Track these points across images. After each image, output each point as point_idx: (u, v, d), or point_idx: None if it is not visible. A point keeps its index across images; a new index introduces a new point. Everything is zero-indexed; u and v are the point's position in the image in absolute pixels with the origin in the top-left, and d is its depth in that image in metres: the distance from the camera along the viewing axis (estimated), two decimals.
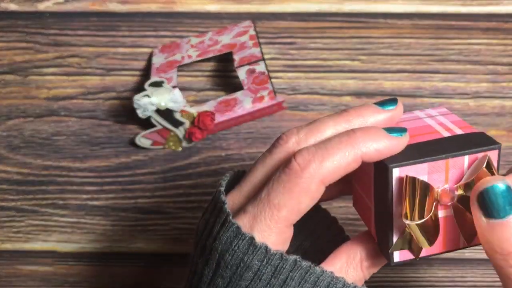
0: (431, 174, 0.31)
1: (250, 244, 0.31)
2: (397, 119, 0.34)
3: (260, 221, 0.31)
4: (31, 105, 0.54)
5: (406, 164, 0.30)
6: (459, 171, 0.31)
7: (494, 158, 0.31)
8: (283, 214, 0.31)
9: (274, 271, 0.31)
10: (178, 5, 0.52)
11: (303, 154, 0.31)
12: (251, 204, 0.32)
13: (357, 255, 0.34)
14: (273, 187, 0.31)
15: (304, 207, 0.31)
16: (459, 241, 0.32)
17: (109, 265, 0.56)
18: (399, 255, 0.32)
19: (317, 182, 0.30)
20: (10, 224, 0.55)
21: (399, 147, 0.31)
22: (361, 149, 0.30)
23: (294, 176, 0.30)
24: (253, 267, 0.31)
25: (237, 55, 0.50)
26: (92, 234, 0.56)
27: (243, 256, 0.31)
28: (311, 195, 0.30)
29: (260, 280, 0.31)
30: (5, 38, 0.53)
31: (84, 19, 0.53)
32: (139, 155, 0.54)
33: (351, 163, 0.30)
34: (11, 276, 0.56)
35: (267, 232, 0.31)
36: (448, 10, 0.51)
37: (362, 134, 0.31)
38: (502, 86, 0.53)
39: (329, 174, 0.30)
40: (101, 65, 0.53)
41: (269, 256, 0.30)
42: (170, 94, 0.50)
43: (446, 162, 0.31)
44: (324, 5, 0.52)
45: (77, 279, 0.56)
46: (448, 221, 0.32)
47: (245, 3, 0.52)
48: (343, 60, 0.53)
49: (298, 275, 0.31)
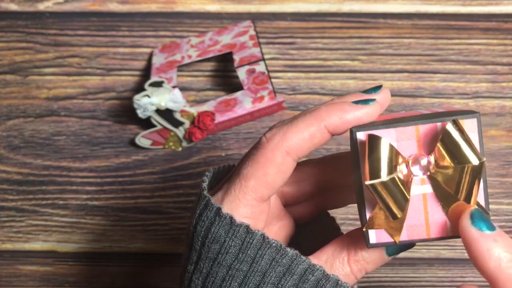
0: (400, 141, 0.29)
1: (216, 214, 0.31)
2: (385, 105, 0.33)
3: (230, 193, 0.32)
4: (31, 105, 0.54)
5: (371, 129, 0.29)
6: (433, 141, 0.29)
7: (472, 129, 0.29)
8: (250, 184, 0.31)
9: (241, 244, 0.31)
10: (178, 5, 0.52)
11: (271, 129, 0.32)
12: (227, 180, 0.33)
13: (344, 249, 0.33)
14: (244, 160, 0.32)
15: (271, 178, 0.31)
16: (447, 227, 0.30)
17: (109, 265, 0.56)
18: (375, 236, 0.30)
19: (282, 153, 0.31)
20: (10, 224, 0.55)
21: (367, 115, 0.31)
22: (325, 119, 0.31)
23: (261, 147, 0.31)
24: (219, 238, 0.31)
25: (237, 55, 0.50)
26: (92, 234, 0.56)
27: (211, 226, 0.31)
28: (277, 166, 0.31)
29: (227, 254, 0.31)
30: (5, 38, 0.53)
31: (84, 19, 0.53)
32: (139, 155, 0.54)
33: (315, 133, 0.31)
34: (11, 276, 0.56)
35: (235, 203, 0.31)
36: (448, 10, 0.51)
37: (326, 106, 0.31)
38: (502, 86, 0.53)
39: (294, 144, 0.31)
40: (101, 65, 0.53)
41: (234, 227, 0.31)
42: (170, 94, 0.50)
43: (416, 128, 0.29)
44: (324, 5, 0.52)
45: (77, 279, 0.56)
46: (429, 200, 0.30)
47: (245, 3, 0.52)
48: (343, 60, 0.53)
49: (268, 253, 0.31)
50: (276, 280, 0.31)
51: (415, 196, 0.30)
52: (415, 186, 0.30)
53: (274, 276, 0.31)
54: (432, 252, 0.55)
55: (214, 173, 0.36)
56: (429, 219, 0.30)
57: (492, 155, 0.54)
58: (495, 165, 0.54)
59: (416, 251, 0.55)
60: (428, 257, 0.55)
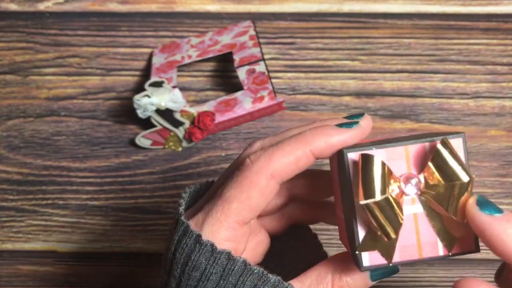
0: (391, 162, 0.30)
1: (196, 241, 0.31)
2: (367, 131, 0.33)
3: (212, 215, 0.31)
4: (31, 105, 0.54)
5: (362, 150, 0.30)
6: (422, 161, 0.30)
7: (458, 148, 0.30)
8: (233, 207, 0.31)
9: (222, 271, 0.30)
10: (178, 5, 0.52)
11: (256, 151, 0.32)
12: (208, 202, 0.32)
13: (329, 274, 0.33)
14: (227, 183, 0.32)
15: (255, 202, 0.31)
16: (437, 247, 0.31)
17: (109, 265, 0.56)
18: (368, 259, 0.30)
19: (266, 176, 0.31)
20: (10, 224, 0.55)
21: (351, 138, 0.31)
22: (310, 144, 0.31)
23: (245, 170, 0.31)
24: (200, 266, 0.31)
25: (237, 55, 0.50)
26: (92, 234, 0.56)
27: (191, 254, 0.31)
28: (261, 189, 0.31)
29: (208, 281, 0.31)
30: (5, 38, 0.53)
31: (84, 19, 0.53)
32: (139, 155, 0.54)
33: (301, 157, 0.31)
34: (11, 276, 0.56)
35: (217, 226, 0.31)
36: (448, 10, 0.51)
37: (311, 131, 0.31)
38: (502, 86, 0.53)
39: (279, 168, 0.31)
40: (101, 65, 0.53)
41: (216, 254, 0.30)
42: (170, 94, 0.50)
43: (405, 149, 0.30)
44: (324, 5, 0.52)
45: (77, 279, 0.56)
46: (420, 220, 0.30)
47: (245, 3, 0.52)
48: (343, 60, 0.53)
49: (250, 280, 0.30)
50: None
51: (406, 216, 0.30)
52: (406, 206, 0.30)
53: None
54: None
55: (190, 193, 0.35)
56: (420, 239, 0.30)
57: (492, 155, 0.54)
58: (495, 165, 0.54)
59: None
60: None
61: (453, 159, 0.29)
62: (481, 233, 0.28)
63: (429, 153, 0.30)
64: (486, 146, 0.53)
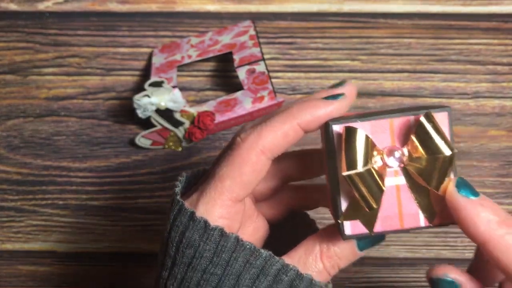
0: (375, 134, 0.30)
1: (190, 218, 0.31)
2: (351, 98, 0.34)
3: (206, 194, 0.32)
4: (31, 105, 0.54)
5: (347, 122, 0.30)
6: (406, 134, 0.30)
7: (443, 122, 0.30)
8: (226, 184, 0.32)
9: (215, 248, 0.31)
10: (178, 5, 0.52)
11: (245, 129, 0.33)
12: (202, 182, 0.33)
13: (316, 246, 0.33)
14: (220, 162, 0.32)
15: (247, 178, 0.32)
16: (419, 218, 0.31)
17: (109, 265, 0.56)
18: (350, 228, 0.31)
19: (257, 152, 0.31)
20: (10, 224, 0.55)
21: (337, 110, 0.32)
22: (297, 117, 0.32)
23: (236, 148, 0.32)
24: (194, 243, 0.31)
25: (237, 55, 0.50)
26: (92, 234, 0.56)
27: (185, 231, 0.31)
28: (252, 165, 0.31)
29: (201, 258, 0.31)
30: (5, 38, 0.53)
31: (84, 19, 0.53)
32: (139, 155, 0.54)
33: (288, 131, 0.32)
34: (11, 276, 0.56)
35: (211, 204, 0.32)
36: (448, 10, 0.51)
37: (297, 105, 0.32)
38: (502, 86, 0.53)
39: (268, 143, 0.31)
40: (101, 65, 0.53)
41: (209, 231, 0.31)
42: (170, 94, 0.50)
43: (390, 121, 0.30)
44: (324, 5, 0.52)
45: (77, 279, 0.56)
46: (402, 191, 0.31)
47: (245, 3, 0.52)
48: (343, 60, 0.53)
49: (242, 256, 0.31)
50: (251, 282, 0.31)
51: (388, 187, 0.31)
52: (389, 178, 0.31)
53: (249, 278, 0.31)
54: (432, 252, 0.55)
55: (187, 177, 0.36)
56: (402, 210, 0.31)
57: (493, 155, 0.53)
58: (496, 165, 0.54)
59: (416, 251, 0.55)
60: (428, 257, 0.55)
61: (436, 133, 0.29)
62: (456, 213, 0.29)
63: (413, 126, 0.30)
64: (486, 146, 0.53)
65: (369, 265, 0.57)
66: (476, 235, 0.29)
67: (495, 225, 0.28)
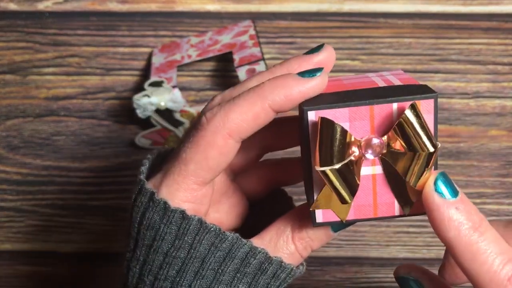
0: (354, 122, 0.28)
1: (150, 199, 0.30)
2: (328, 64, 0.31)
3: (169, 176, 0.30)
4: (31, 105, 0.54)
5: (324, 108, 0.28)
6: (387, 122, 0.28)
7: (428, 110, 0.28)
8: (190, 168, 0.30)
9: (177, 231, 0.30)
10: (178, 4, 0.52)
11: (211, 108, 0.30)
12: (166, 162, 0.31)
13: (288, 227, 0.32)
14: (184, 143, 0.30)
15: (213, 162, 0.29)
16: (394, 208, 0.30)
17: (109, 265, 0.56)
18: (322, 216, 0.30)
19: (223, 135, 0.29)
20: (10, 224, 0.55)
21: (313, 89, 0.29)
22: (268, 98, 0.28)
23: (200, 129, 0.29)
24: (154, 224, 0.30)
25: (237, 55, 0.50)
26: (92, 234, 0.56)
27: (145, 211, 0.30)
28: (219, 149, 0.29)
29: (163, 240, 0.30)
30: (5, 38, 0.53)
31: (83, 19, 0.52)
32: (139, 155, 0.54)
33: (259, 113, 0.29)
34: (11, 277, 0.56)
35: (174, 187, 0.30)
36: (448, 10, 0.51)
37: (270, 83, 0.29)
38: (503, 86, 0.53)
39: (236, 126, 0.29)
40: (101, 65, 0.53)
41: (169, 213, 0.29)
42: (170, 94, 0.50)
43: (370, 108, 0.28)
44: (324, 5, 0.51)
45: (77, 279, 0.56)
46: (378, 181, 0.29)
47: (245, 3, 0.52)
48: (343, 60, 0.53)
49: (207, 239, 0.30)
50: (216, 266, 0.30)
51: (364, 176, 0.29)
52: (365, 167, 0.29)
53: (214, 262, 0.30)
54: (432, 252, 0.55)
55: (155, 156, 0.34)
56: (377, 199, 0.30)
57: (493, 155, 0.53)
58: (496, 165, 0.54)
59: (416, 251, 0.55)
60: (428, 258, 0.55)
61: (420, 127, 0.27)
62: (429, 212, 0.28)
63: (396, 116, 0.28)
64: (486, 146, 0.53)
65: (369, 265, 0.57)
66: (445, 239, 0.28)
67: (465, 232, 0.27)
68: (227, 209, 0.35)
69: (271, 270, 0.31)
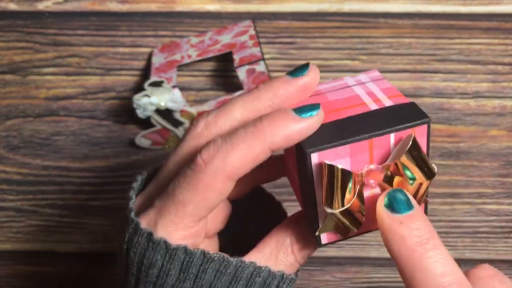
0: (354, 156, 0.29)
1: (149, 240, 0.30)
2: (313, 86, 0.31)
3: (165, 216, 0.30)
4: (31, 105, 0.54)
5: (326, 148, 0.28)
6: (384, 150, 0.29)
7: (422, 134, 0.29)
8: (188, 210, 0.29)
9: (181, 266, 0.30)
10: (178, 4, 0.52)
11: (208, 149, 0.29)
12: (159, 197, 0.31)
13: (287, 239, 0.32)
14: (179, 182, 0.30)
15: (211, 203, 0.29)
16: None
17: (109, 265, 0.56)
18: (326, 238, 0.31)
19: (222, 178, 0.29)
20: (10, 224, 0.55)
21: (310, 128, 0.29)
22: (268, 140, 0.28)
23: (198, 171, 0.29)
24: (156, 263, 0.30)
25: (237, 55, 0.50)
26: (92, 234, 0.56)
27: (145, 252, 0.30)
28: (218, 191, 0.29)
29: (167, 276, 0.30)
30: (5, 38, 0.53)
31: (83, 19, 0.52)
32: (139, 155, 0.54)
33: (258, 155, 0.29)
34: (11, 277, 0.56)
35: (171, 228, 0.30)
36: (448, 10, 0.51)
37: (268, 122, 0.29)
38: (503, 86, 0.52)
39: (235, 169, 0.29)
40: (101, 65, 0.53)
41: (171, 251, 0.29)
42: (170, 94, 0.50)
43: (369, 142, 0.29)
44: (324, 5, 0.51)
45: (77, 279, 0.56)
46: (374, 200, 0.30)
47: (245, 3, 0.52)
48: (343, 60, 0.53)
49: (211, 267, 0.30)
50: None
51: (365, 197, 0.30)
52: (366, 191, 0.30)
53: (221, 286, 0.31)
54: None
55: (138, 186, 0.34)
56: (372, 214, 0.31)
57: (493, 155, 0.53)
58: (496, 165, 0.53)
59: None
60: None
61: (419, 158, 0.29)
62: (379, 226, 0.29)
63: (394, 145, 0.29)
64: (486, 146, 0.53)
65: (369, 265, 0.57)
66: (389, 252, 0.28)
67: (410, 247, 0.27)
68: (213, 216, 0.35)
69: (274, 284, 0.32)
